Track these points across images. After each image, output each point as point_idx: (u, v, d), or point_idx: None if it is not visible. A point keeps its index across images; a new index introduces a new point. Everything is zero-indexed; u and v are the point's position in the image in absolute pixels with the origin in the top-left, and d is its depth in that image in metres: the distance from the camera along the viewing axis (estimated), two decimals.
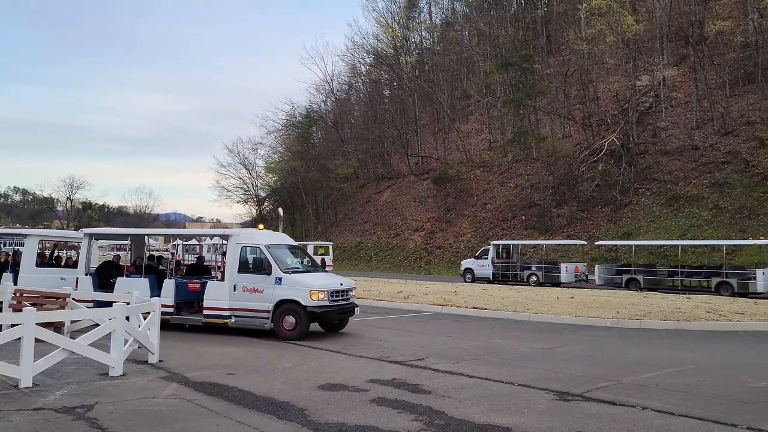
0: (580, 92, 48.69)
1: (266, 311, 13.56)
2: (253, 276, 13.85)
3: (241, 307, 13.81)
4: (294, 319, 13.40)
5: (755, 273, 25.36)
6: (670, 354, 11.98)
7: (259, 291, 13.68)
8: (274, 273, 13.63)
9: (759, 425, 6.91)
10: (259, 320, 13.68)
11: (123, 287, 14.53)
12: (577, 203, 42.98)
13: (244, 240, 14.35)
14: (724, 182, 37.39)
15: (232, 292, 13.90)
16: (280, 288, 13.57)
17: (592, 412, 7.58)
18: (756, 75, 42.66)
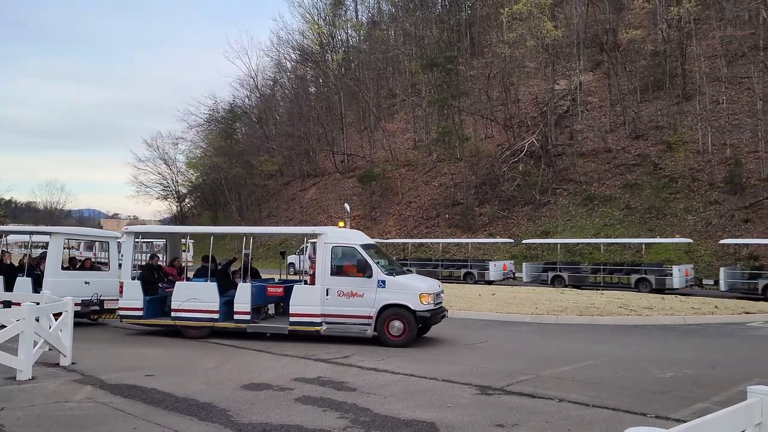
0: (502, 94, 50.02)
1: (367, 317, 12.60)
2: (350, 279, 12.82)
3: (335, 313, 12.77)
4: (402, 325, 12.47)
5: (672, 270, 26.88)
6: (585, 348, 12.49)
7: (358, 295, 12.67)
8: (376, 275, 12.69)
9: (666, 414, 7.32)
10: (357, 327, 12.72)
11: (186, 293, 13.39)
12: (498, 202, 44.13)
13: (334, 239, 13.23)
14: (635, 184, 39.31)
15: (325, 297, 12.80)
16: (384, 292, 12.63)
17: (513, 405, 7.81)
18: (664, 82, 45.10)
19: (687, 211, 35.75)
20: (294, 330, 12.87)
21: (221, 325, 13.24)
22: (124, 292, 13.81)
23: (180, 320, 13.41)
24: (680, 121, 41.69)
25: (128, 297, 13.75)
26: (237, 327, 13.09)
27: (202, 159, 78.65)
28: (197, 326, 13.35)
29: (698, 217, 35.03)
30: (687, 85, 44.08)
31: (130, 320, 13.91)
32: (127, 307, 13.76)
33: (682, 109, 42.53)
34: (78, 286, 14.95)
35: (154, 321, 13.88)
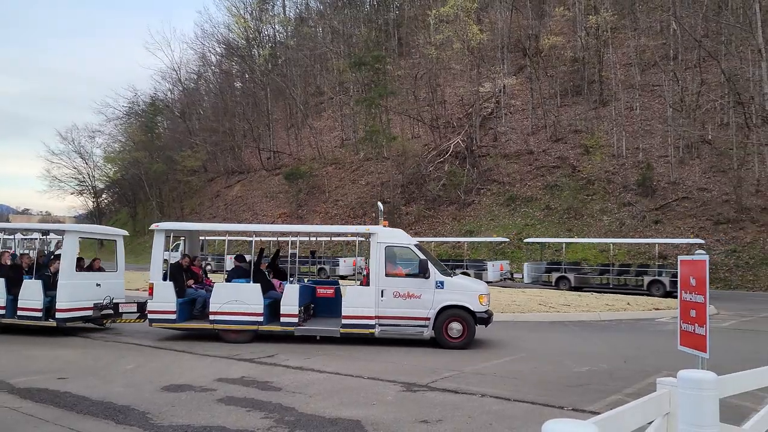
0: (429, 95, 50.68)
1: (425, 318, 12.30)
2: (405, 280, 12.46)
3: (390, 315, 12.36)
4: (461, 326, 12.22)
5: (486, 265, 30.55)
6: (506, 344, 12.82)
7: (415, 296, 12.33)
8: (434, 276, 12.37)
9: (582, 406, 7.61)
10: (413, 328, 12.37)
11: (228, 295, 12.61)
12: (424, 202, 44.68)
13: (387, 239, 12.70)
14: (555, 185, 40.70)
15: (380, 298, 12.35)
16: (442, 293, 12.34)
17: (437, 402, 7.92)
18: (582, 88, 46.93)
19: (602, 212, 37.32)
20: (346, 333, 12.39)
21: (266, 328, 12.59)
22: (155, 294, 12.75)
23: (219, 324, 12.59)
24: (597, 125, 43.48)
25: (160, 299, 12.70)
26: (284, 330, 12.54)
27: (120, 153, 75.85)
28: (239, 330, 12.63)
29: (613, 217, 36.62)
30: (604, 91, 46.02)
31: (162, 325, 12.90)
32: (158, 311, 12.72)
33: (599, 114, 44.36)
34: (91, 288, 13.95)
35: (189, 325, 13.04)
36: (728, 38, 41.14)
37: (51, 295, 13.22)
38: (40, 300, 13.06)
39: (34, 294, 13.10)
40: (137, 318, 13.81)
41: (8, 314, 13.28)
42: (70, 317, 13.22)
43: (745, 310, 19.77)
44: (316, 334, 12.67)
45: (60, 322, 13.01)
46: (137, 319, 13.82)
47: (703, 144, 38.99)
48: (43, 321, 13.09)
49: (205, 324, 12.74)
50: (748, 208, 33.02)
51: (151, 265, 13.14)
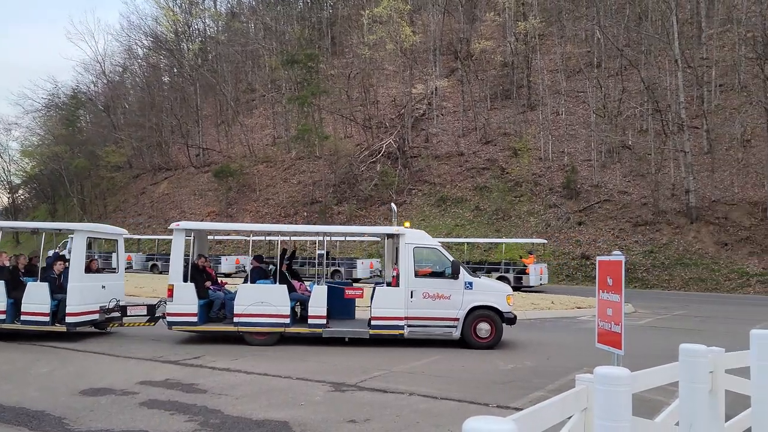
0: (362, 95, 50.76)
1: (453, 319, 12.27)
2: (435, 281, 12.42)
3: (419, 316, 12.25)
4: (489, 327, 12.26)
5: (356, 263, 31.01)
6: (435, 343, 12.97)
7: (444, 297, 12.27)
8: (463, 277, 12.38)
9: (507, 403, 7.79)
10: (442, 329, 12.32)
11: (253, 296, 12.15)
12: (356, 201, 44.72)
13: (415, 240, 12.60)
14: (484, 186, 41.56)
15: (409, 299, 12.23)
16: (471, 293, 12.34)
17: (366, 401, 7.93)
18: (512, 92, 48.12)
19: (530, 214, 38.37)
20: (376, 334, 12.22)
21: (293, 330, 12.32)
22: (175, 296, 12.22)
23: (244, 326, 12.21)
24: (525, 129, 44.69)
25: (180, 301, 12.18)
26: (311, 332, 12.27)
27: (39, 147, 72.30)
28: (265, 332, 12.27)
29: (539, 219, 37.70)
30: (532, 96, 47.34)
31: (183, 328, 12.43)
32: (179, 313, 12.20)
33: (527, 117, 45.59)
34: (97, 290, 13.17)
35: (212, 328, 12.57)
36: (648, 48, 43.09)
37: (57, 299, 12.44)
38: (47, 304, 12.26)
39: (40, 297, 12.27)
40: (147, 321, 13.24)
41: (9, 319, 12.42)
42: (80, 321, 12.54)
43: (661, 309, 20.74)
44: (344, 335, 12.51)
45: (70, 327, 12.29)
46: (147, 322, 13.25)
47: (624, 149, 40.69)
48: (50, 326, 12.31)
49: (229, 326, 12.40)
50: (664, 211, 34.66)
51: (171, 266, 12.60)
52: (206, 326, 12.55)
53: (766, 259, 30.02)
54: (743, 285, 28.99)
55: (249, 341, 12.30)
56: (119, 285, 14.21)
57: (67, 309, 12.25)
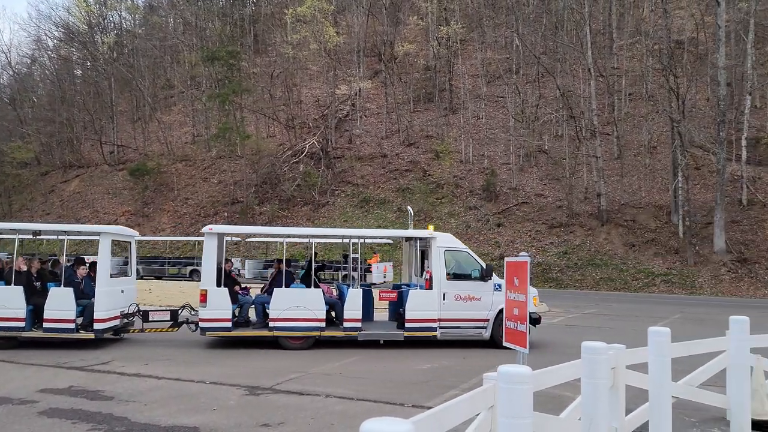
0: (285, 94, 50.21)
1: (484, 320, 12.71)
2: (466, 283, 12.74)
3: (451, 317, 12.53)
4: None
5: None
6: (352, 345, 12.93)
7: (475, 299, 12.67)
8: (493, 279, 12.85)
9: (422, 402, 7.85)
10: (473, 330, 12.70)
11: (289, 300, 12.08)
12: (279, 202, 44.17)
13: (445, 244, 12.94)
14: (407, 188, 41.97)
15: (442, 302, 12.49)
16: (500, 294, 12.37)
17: (281, 404, 7.82)
18: (434, 95, 48.84)
19: (450, 215, 39.03)
20: (410, 336, 12.29)
21: (328, 333, 12.32)
22: (209, 302, 11.91)
23: (280, 330, 12.13)
24: (447, 132, 45.46)
25: (214, 307, 11.91)
26: (347, 335, 12.27)
27: None
28: (301, 336, 12.23)
29: (460, 220, 38.41)
30: (453, 100, 48.22)
31: (217, 333, 12.09)
32: (213, 318, 11.92)
33: (448, 121, 46.39)
34: (118, 295, 12.60)
35: (247, 333, 12.36)
36: (563, 57, 44.73)
37: (81, 305, 11.86)
38: (72, 310, 11.66)
39: (65, 303, 11.63)
40: (169, 327, 12.84)
41: (27, 326, 11.73)
42: (107, 328, 12.05)
43: (573, 307, 21.54)
44: (379, 338, 12.58)
45: (98, 334, 11.78)
46: (169, 328, 12.85)
47: (541, 153, 42.10)
48: (75, 334, 11.71)
49: (263, 331, 12.31)
50: (577, 214, 36.07)
51: (203, 271, 12.28)
52: (241, 331, 12.40)
53: (670, 260, 31.73)
54: (649, 284, 30.53)
55: (284, 345, 12.26)
56: (133, 289, 13.69)
57: (95, 315, 11.78)
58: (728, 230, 31.40)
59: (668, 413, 5.64)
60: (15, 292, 11.64)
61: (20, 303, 11.61)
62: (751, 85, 35.81)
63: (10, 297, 11.61)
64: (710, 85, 38.24)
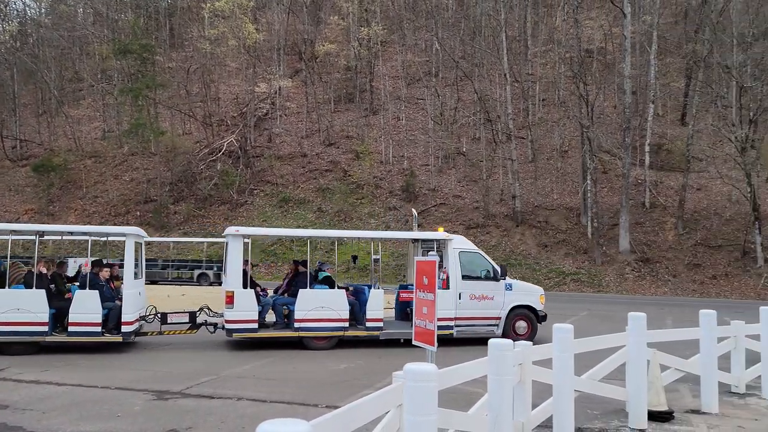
0: (202, 90, 48.95)
1: (496, 318, 13.39)
2: (480, 283, 13.40)
3: (466, 316, 13.14)
4: (526, 324, 13.50)
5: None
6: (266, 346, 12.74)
7: (488, 298, 13.32)
8: (504, 279, 13.53)
9: (335, 402, 7.79)
10: (486, 328, 13.29)
11: (314, 301, 12.24)
12: (195, 201, 43.02)
13: (460, 246, 13.60)
14: (327, 188, 41.82)
15: (458, 301, 13.07)
16: (511, 294, 13.50)
17: (190, 408, 7.60)
18: (355, 96, 48.92)
19: (370, 215, 39.19)
20: None
21: (351, 333, 12.57)
22: (236, 303, 11.98)
23: (305, 331, 12.27)
24: (367, 132, 45.63)
25: (241, 308, 11.99)
26: (369, 335, 12.61)
27: None
28: (326, 336, 12.44)
29: (379, 220, 38.63)
30: (374, 101, 48.46)
31: (244, 335, 12.11)
32: (239, 320, 11.96)
33: (369, 122, 46.57)
34: (137, 297, 12.48)
35: (273, 334, 12.48)
36: (481, 61, 45.82)
37: (107, 307, 11.67)
38: (98, 313, 11.44)
39: (91, 306, 11.40)
40: (188, 329, 12.66)
41: (49, 331, 11.35)
42: (133, 330, 11.91)
43: None
44: (400, 337, 12.70)
45: (125, 337, 11.68)
46: (188, 330, 12.67)
47: (459, 155, 42.96)
48: (102, 337, 11.51)
49: (288, 332, 12.46)
50: (493, 215, 37.04)
51: (229, 273, 12.31)
52: (267, 332, 12.49)
53: (579, 260, 33.10)
54: (560, 283, 31.73)
55: (309, 345, 12.39)
56: (143, 291, 13.36)
57: (123, 317, 11.62)
58: (632, 231, 33.08)
59: (570, 406, 5.85)
60: (38, 296, 11.28)
61: (43, 307, 11.25)
62: (653, 94, 37.92)
63: (33, 301, 11.23)
64: (617, 93, 40.17)
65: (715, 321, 8.13)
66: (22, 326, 11.10)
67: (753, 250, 30.76)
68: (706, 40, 35.61)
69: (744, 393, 8.89)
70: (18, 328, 11.07)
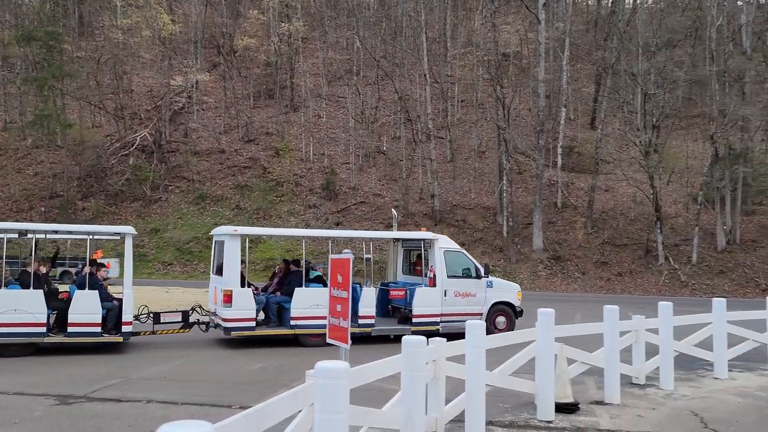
0: (114, 82, 46.90)
1: (478, 314, 13.94)
2: (463, 281, 14.09)
3: (451, 312, 13.74)
4: (505, 319, 14.30)
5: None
6: (178, 346, 12.40)
7: (471, 295, 14.04)
8: (485, 277, 14.24)
9: (249, 403, 7.58)
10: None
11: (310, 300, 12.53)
12: (105, 197, 41.21)
13: (445, 245, 14.29)
14: (245, 185, 41.05)
15: (444, 298, 13.74)
16: (492, 291, 14.30)
17: (95, 413, 7.28)
18: (275, 92, 48.26)
19: (290, 213, 38.79)
20: (417, 330, 12.58)
21: None
22: (235, 302, 12.14)
23: (300, 329, 12.63)
24: (287, 129, 45.13)
25: (239, 307, 12.19)
26: (362, 331, 12.83)
27: None
28: (321, 334, 11.89)
29: (299, 219, 38.30)
30: (294, 98, 48.00)
31: (242, 333, 12.29)
32: (237, 318, 12.17)
33: (289, 118, 46.07)
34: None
35: (270, 331, 12.73)
36: (401, 62, 46.24)
37: (105, 307, 11.62)
38: (98, 313, 11.37)
39: (91, 307, 11.31)
40: (180, 328, 12.76)
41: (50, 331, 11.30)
42: (133, 330, 11.89)
43: None
44: (390, 333, 13.31)
45: (126, 337, 11.66)
46: (180, 329, 12.76)
47: (379, 154, 43.20)
48: (102, 337, 11.41)
49: (283, 330, 12.77)
50: (413, 213, 37.45)
51: (228, 272, 12.43)
52: (264, 330, 12.72)
53: (495, 258, 33.98)
54: None
55: (304, 343, 12.72)
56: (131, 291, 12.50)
57: (123, 318, 11.61)
58: (545, 230, 34.30)
59: (482, 401, 5.98)
60: (36, 296, 11.15)
61: (41, 307, 11.10)
62: (566, 99, 39.47)
63: (31, 301, 11.08)
64: (531, 96, 41.49)
65: (617, 316, 8.52)
66: (19, 327, 10.92)
67: (655, 248, 32.55)
68: (614, 48, 37.36)
69: (644, 384, 9.38)
70: (15, 329, 10.90)
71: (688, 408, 8.07)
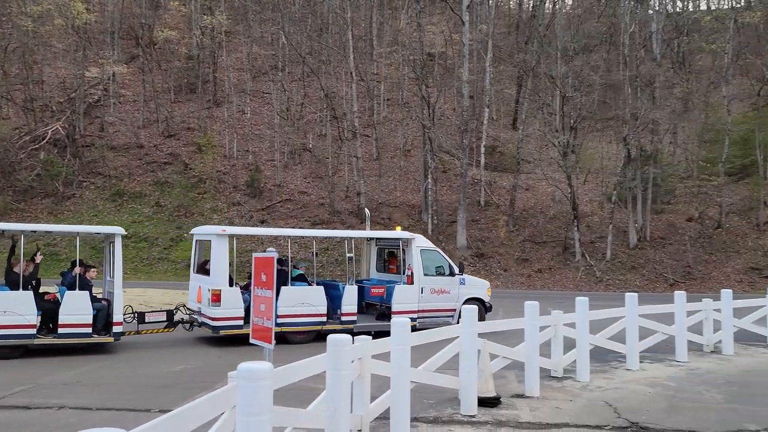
0: (23, 72, 44.40)
1: (452, 310, 14.70)
2: (439, 278, 14.81)
3: (427, 308, 14.41)
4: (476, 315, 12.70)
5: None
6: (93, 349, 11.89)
7: (446, 292, 14.79)
8: (458, 274, 15.05)
9: (169, 406, 7.39)
10: (443, 319, 14.54)
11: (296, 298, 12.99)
12: (13, 193, 38.97)
13: (422, 244, 14.94)
14: (165, 182, 39.79)
15: (420, 295, 14.36)
16: (465, 287, 15.10)
17: (1, 421, 6.85)
18: (197, 86, 47.00)
19: (213, 211, 37.89)
20: None
21: (328, 327, 13.11)
22: (224, 301, 12.36)
23: (287, 326, 12.83)
24: (210, 125, 44.06)
25: (228, 306, 12.43)
26: (344, 328, 12.95)
27: None
28: (306, 331, 13.16)
29: (223, 216, 37.46)
30: (217, 92, 46.91)
31: (230, 331, 12.40)
32: (226, 317, 12.36)
33: (212, 114, 44.98)
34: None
35: None
36: (328, 59, 46.01)
37: (95, 308, 11.56)
38: (89, 314, 11.34)
39: (81, 307, 11.26)
40: (165, 327, 12.74)
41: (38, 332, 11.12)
42: (123, 331, 11.85)
43: None
44: (372, 329, 13.01)
45: (117, 337, 11.64)
46: (165, 328, 12.75)
47: (305, 151, 42.85)
48: (92, 338, 11.32)
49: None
50: (339, 211, 37.38)
51: (217, 271, 12.68)
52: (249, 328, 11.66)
53: None
54: None
55: (290, 340, 12.91)
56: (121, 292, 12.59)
57: (114, 318, 11.65)
58: (469, 228, 34.99)
59: (407, 397, 6.02)
60: (25, 297, 11.02)
61: (31, 309, 10.99)
62: (489, 99, 40.38)
63: (21, 302, 10.92)
64: (456, 96, 42.21)
65: (537, 312, 8.78)
66: (8, 329, 10.72)
67: (572, 245, 33.82)
68: (534, 52, 38.53)
69: (562, 377, 9.71)
70: (4, 331, 10.69)
71: (603, 399, 8.42)
